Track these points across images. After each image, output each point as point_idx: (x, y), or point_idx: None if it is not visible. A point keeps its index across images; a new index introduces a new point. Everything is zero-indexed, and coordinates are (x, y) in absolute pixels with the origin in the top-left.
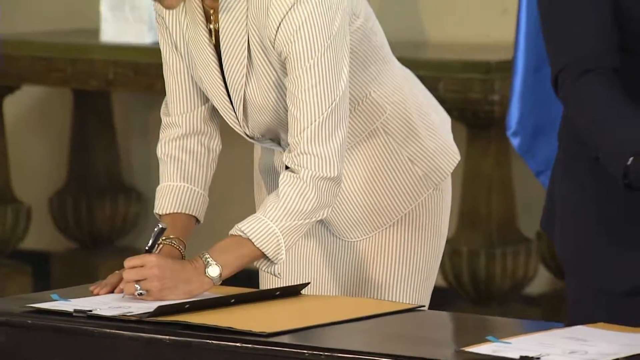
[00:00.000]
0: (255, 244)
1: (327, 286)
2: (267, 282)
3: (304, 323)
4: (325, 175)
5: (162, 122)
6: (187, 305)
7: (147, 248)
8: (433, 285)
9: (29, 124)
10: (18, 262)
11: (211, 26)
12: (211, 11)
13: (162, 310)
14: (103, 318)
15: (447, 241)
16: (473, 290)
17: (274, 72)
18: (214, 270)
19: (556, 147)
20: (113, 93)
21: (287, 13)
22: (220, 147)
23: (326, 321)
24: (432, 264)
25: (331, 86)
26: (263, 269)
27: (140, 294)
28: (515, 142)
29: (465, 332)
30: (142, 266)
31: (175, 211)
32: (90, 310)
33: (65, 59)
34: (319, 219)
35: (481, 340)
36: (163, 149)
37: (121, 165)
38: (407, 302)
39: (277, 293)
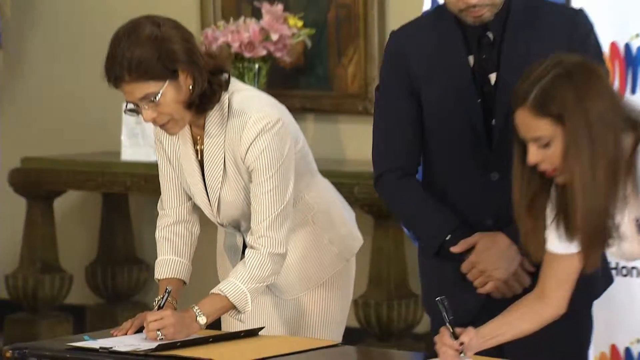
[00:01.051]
0: (230, 299)
1: (275, 329)
2: (229, 326)
3: (262, 355)
4: (277, 252)
5: (159, 214)
6: (179, 344)
7: (160, 304)
8: (344, 327)
9: (71, 216)
10: (63, 314)
11: (197, 147)
12: (198, 137)
13: (161, 347)
14: (120, 353)
15: (360, 296)
16: (378, 330)
17: (242, 180)
18: (202, 320)
19: None
20: (130, 195)
21: (253, 140)
22: (199, 231)
23: (277, 354)
24: (344, 313)
25: (283, 192)
26: (232, 316)
27: (161, 339)
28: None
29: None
30: (161, 318)
31: (169, 277)
32: (111, 348)
33: (96, 172)
34: (270, 282)
35: None
36: (160, 233)
37: (135, 245)
38: (327, 339)
39: (242, 334)
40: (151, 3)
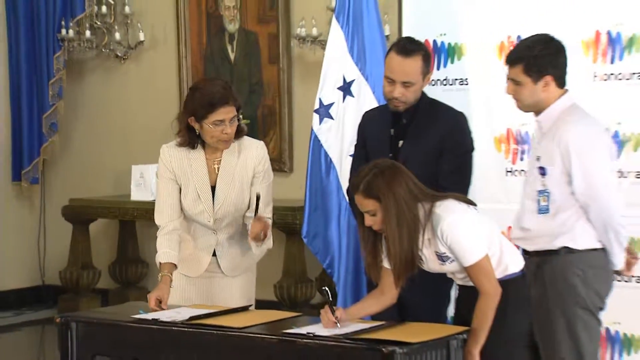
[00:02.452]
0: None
1: (226, 299)
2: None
3: (259, 321)
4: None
5: (159, 226)
6: (202, 314)
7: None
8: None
9: (101, 234)
10: (94, 294)
11: (214, 166)
12: (214, 160)
13: (191, 318)
14: (164, 322)
15: (278, 281)
16: (289, 303)
17: (244, 183)
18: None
19: (320, 241)
20: (137, 222)
21: (263, 156)
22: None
23: (268, 320)
24: (253, 290)
25: (270, 193)
26: (255, 247)
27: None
28: (305, 240)
29: (286, 320)
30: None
31: (167, 262)
32: (158, 318)
33: (115, 207)
34: None
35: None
36: (161, 237)
37: (139, 252)
38: (248, 304)
39: (238, 309)
40: (150, 94)
